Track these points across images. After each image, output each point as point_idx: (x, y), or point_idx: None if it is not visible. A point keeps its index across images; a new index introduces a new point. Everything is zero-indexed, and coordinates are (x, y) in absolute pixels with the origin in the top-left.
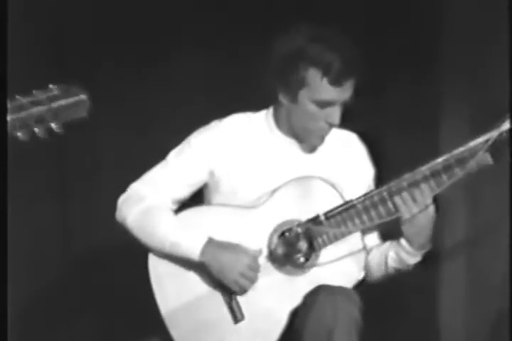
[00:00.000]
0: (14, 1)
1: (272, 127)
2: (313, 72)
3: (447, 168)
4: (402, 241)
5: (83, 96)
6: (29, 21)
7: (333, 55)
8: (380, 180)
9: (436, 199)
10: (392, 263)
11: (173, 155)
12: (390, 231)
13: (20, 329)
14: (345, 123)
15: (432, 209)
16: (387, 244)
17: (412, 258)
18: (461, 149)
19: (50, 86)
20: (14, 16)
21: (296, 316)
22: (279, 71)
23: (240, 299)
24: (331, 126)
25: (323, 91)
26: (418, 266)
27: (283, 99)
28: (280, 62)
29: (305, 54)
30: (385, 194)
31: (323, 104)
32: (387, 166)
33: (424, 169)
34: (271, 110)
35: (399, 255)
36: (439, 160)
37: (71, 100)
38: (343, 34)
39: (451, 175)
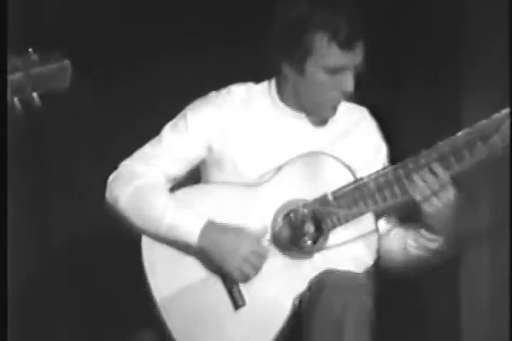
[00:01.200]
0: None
1: (275, 99)
2: (320, 37)
3: (469, 143)
4: (420, 226)
5: (66, 63)
6: None
7: (340, 18)
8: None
9: (457, 180)
10: (415, 250)
11: (167, 129)
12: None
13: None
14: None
15: (451, 188)
16: (402, 231)
17: (433, 243)
18: (484, 122)
19: (29, 50)
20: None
21: (302, 304)
22: (282, 39)
23: (242, 284)
24: (345, 94)
25: (333, 56)
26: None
27: (288, 70)
28: (283, 30)
29: (309, 18)
30: (400, 172)
31: (334, 71)
32: (402, 149)
33: (443, 144)
34: (273, 81)
35: (418, 242)
36: (460, 134)
37: (52, 66)
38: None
39: (473, 152)
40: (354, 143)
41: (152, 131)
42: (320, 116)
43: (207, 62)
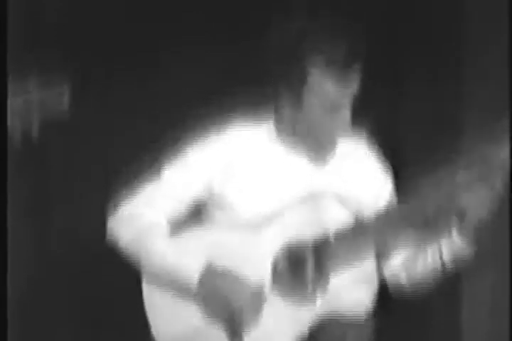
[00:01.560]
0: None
1: (274, 138)
2: (318, 75)
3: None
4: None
5: (64, 88)
6: None
7: (337, 47)
8: (398, 178)
9: None
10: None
11: (167, 170)
12: None
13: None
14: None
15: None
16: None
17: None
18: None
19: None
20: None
21: None
22: (279, 71)
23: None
24: (342, 130)
25: (330, 94)
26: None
27: (286, 106)
28: (277, 59)
29: (304, 52)
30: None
31: (332, 108)
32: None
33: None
34: (272, 118)
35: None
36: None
37: (51, 92)
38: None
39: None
40: (357, 179)
41: (153, 134)
42: (318, 152)
43: (207, 62)
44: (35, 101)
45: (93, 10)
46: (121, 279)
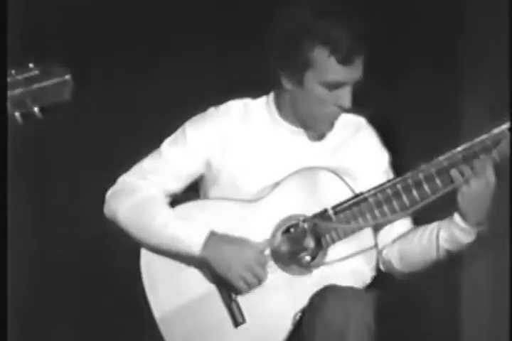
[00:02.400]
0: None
1: (273, 114)
2: (320, 50)
3: (468, 158)
4: (456, 217)
5: (67, 77)
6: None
7: (341, 31)
8: (395, 170)
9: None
10: (445, 244)
11: (166, 144)
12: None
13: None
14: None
15: (491, 180)
16: (435, 224)
17: (467, 237)
18: (484, 137)
19: (30, 65)
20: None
21: (303, 320)
22: (280, 51)
23: (241, 301)
24: (342, 110)
25: (332, 71)
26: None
27: (286, 83)
28: (282, 41)
29: (309, 30)
30: (399, 186)
31: (332, 86)
32: (405, 157)
33: (443, 159)
34: (272, 96)
35: (452, 234)
36: (459, 149)
37: (53, 81)
38: (349, 7)
39: (472, 167)
40: (353, 154)
41: (154, 136)
42: (318, 130)
43: (207, 67)
44: (36, 95)
45: (92, 13)
46: (121, 279)
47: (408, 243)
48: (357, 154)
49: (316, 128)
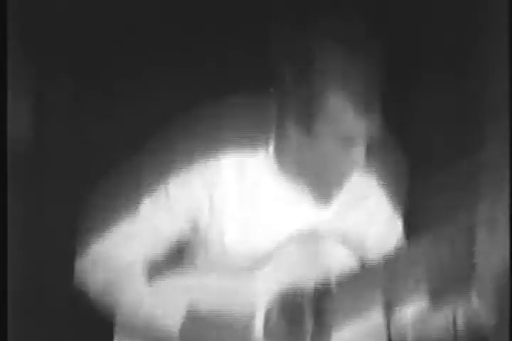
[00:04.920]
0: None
1: (274, 170)
2: (334, 94)
3: None
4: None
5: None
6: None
7: (359, 75)
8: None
9: None
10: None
11: (147, 205)
12: None
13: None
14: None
15: None
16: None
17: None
18: None
19: None
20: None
21: None
22: (289, 89)
23: None
24: (354, 168)
25: (346, 121)
26: None
27: (292, 129)
28: (286, 78)
29: (325, 72)
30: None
31: (346, 139)
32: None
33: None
34: (271, 147)
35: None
36: None
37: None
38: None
39: None
40: (363, 218)
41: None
42: (323, 187)
43: (205, 67)
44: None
45: (93, 14)
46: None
47: None
48: (366, 219)
49: (323, 187)
